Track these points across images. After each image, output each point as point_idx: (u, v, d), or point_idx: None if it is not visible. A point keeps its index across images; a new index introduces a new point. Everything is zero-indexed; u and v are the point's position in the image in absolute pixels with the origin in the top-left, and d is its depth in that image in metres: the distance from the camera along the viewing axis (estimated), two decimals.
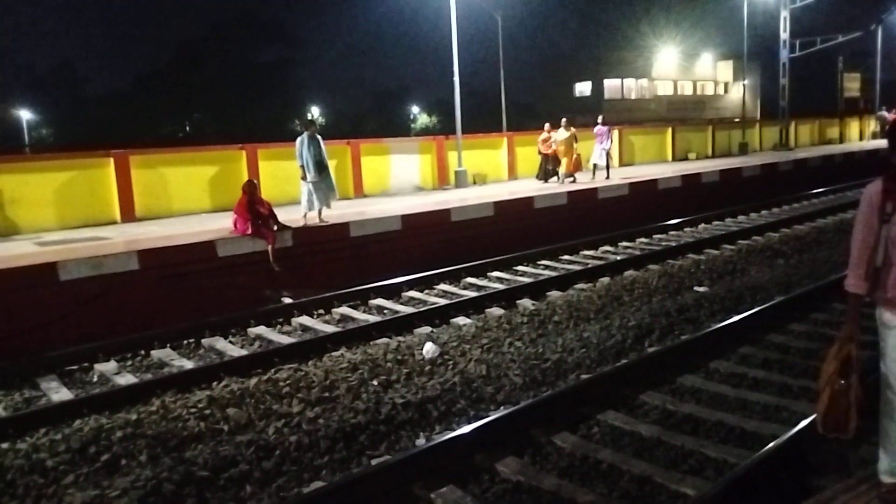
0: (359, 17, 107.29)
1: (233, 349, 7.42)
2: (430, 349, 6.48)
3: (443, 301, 8.79)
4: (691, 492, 3.87)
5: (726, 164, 20.19)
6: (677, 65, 51.57)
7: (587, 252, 11.84)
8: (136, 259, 8.54)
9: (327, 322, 8.36)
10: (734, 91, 53.21)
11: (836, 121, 33.49)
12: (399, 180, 16.36)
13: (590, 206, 14.29)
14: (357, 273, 10.13)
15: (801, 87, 33.77)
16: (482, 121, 34.95)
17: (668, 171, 18.20)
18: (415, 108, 71.63)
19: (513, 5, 32.89)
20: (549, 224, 13.19)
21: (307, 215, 10.86)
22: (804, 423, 4.21)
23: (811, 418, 3.15)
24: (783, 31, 27.70)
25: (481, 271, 10.41)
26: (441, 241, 11.56)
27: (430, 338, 6.96)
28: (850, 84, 43.67)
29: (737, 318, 6.71)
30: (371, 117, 67.99)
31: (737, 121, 34.92)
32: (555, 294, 8.85)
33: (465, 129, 17.01)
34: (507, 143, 18.92)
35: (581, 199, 14.22)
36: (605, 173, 16.60)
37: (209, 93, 62.10)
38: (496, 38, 30.63)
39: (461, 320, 7.87)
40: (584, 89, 50.73)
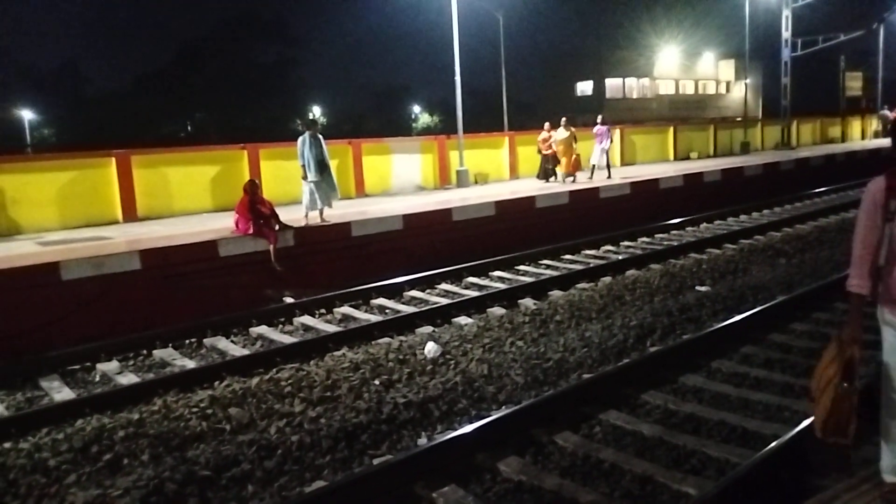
0: (360, 16, 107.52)
1: (235, 349, 7.43)
2: (431, 349, 6.48)
3: (444, 300, 8.79)
4: (693, 491, 3.87)
5: (728, 163, 20.17)
6: (679, 64, 51.57)
7: (589, 251, 11.84)
8: (137, 259, 8.55)
9: (329, 322, 8.37)
10: (736, 90, 53.20)
11: (838, 120, 33.44)
12: (400, 180, 16.35)
13: (591, 206, 14.28)
14: (359, 273, 10.14)
15: (803, 86, 33.73)
16: (484, 120, 34.96)
17: (670, 170, 18.18)
18: (416, 108, 71.70)
19: (514, 4, 32.86)
20: (551, 223, 13.18)
21: (309, 215, 10.86)
22: (806, 422, 4.20)
23: (810, 419, 3.09)
24: (785, 30, 27.69)
25: (483, 271, 10.41)
26: (443, 240, 11.56)
27: (431, 337, 6.96)
28: (852, 83, 43.57)
29: (739, 318, 6.70)
30: (372, 117, 68.09)
31: (738, 120, 34.91)
32: (556, 293, 8.85)
33: (466, 128, 17.00)
34: (509, 143, 18.91)
35: (583, 198, 14.21)
36: (605, 173, 16.62)
37: (210, 93, 62.22)
38: (497, 38, 30.66)
39: (463, 320, 7.87)
40: (585, 88, 50.74)
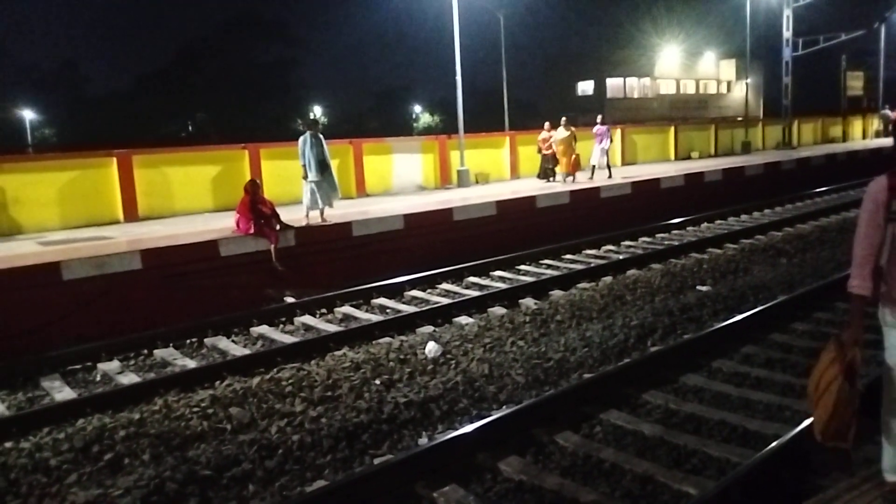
0: (361, 16, 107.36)
1: (235, 348, 7.43)
2: (432, 348, 6.48)
3: (445, 300, 8.79)
4: (694, 491, 3.86)
5: (729, 162, 20.15)
6: (680, 63, 51.52)
7: (590, 251, 11.83)
8: (138, 259, 8.56)
9: (330, 321, 8.37)
10: (737, 90, 53.13)
11: (839, 119, 33.40)
12: (401, 180, 16.35)
13: (592, 206, 14.28)
14: (359, 272, 10.14)
15: (804, 85, 33.66)
16: (484, 120, 34.92)
17: (671, 170, 18.17)
18: (417, 108, 71.66)
19: (515, 4, 32.82)
20: (552, 223, 13.18)
21: (309, 214, 10.87)
22: (807, 422, 4.20)
23: (811, 420, 3.06)
24: (786, 30, 27.67)
25: (484, 270, 10.41)
26: (443, 240, 11.56)
27: (432, 337, 6.96)
28: (853, 82, 43.51)
29: (739, 318, 6.70)
30: (373, 116, 68.11)
31: (739, 120, 34.83)
32: (557, 293, 8.85)
33: (467, 128, 16.99)
34: (510, 143, 18.90)
35: (583, 198, 14.21)
36: (606, 172, 16.61)
37: (211, 92, 62.27)
38: (498, 37, 30.57)
39: (463, 319, 7.87)
40: (586, 88, 50.71)
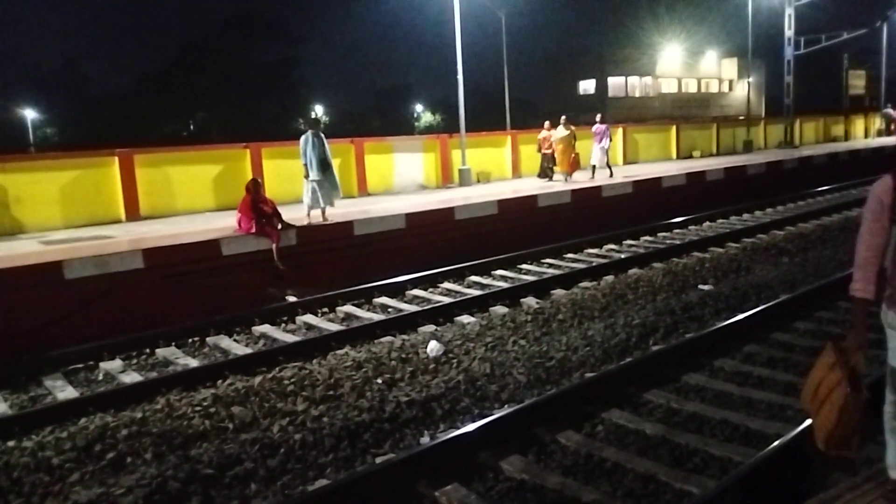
0: (362, 15, 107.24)
1: (237, 347, 7.44)
2: (434, 347, 6.48)
3: (447, 299, 8.79)
4: (696, 490, 3.87)
5: (731, 161, 20.13)
6: (681, 62, 51.41)
7: (591, 250, 11.83)
8: (140, 258, 8.56)
9: (331, 320, 8.37)
10: (739, 89, 53.02)
11: (841, 118, 33.35)
12: (403, 179, 16.35)
13: (594, 205, 14.27)
14: (361, 271, 10.14)
15: (806, 84, 33.63)
16: (486, 119, 34.93)
17: (673, 169, 18.16)
18: (418, 107, 71.62)
19: (516, 3, 32.84)
20: (553, 222, 13.18)
21: (311, 214, 10.87)
22: (809, 421, 4.19)
23: (811, 420, 3.03)
24: (788, 29, 27.61)
25: (485, 269, 10.41)
26: (445, 239, 11.56)
27: (434, 336, 6.96)
28: (856, 81, 43.41)
29: (741, 317, 6.70)
30: (375, 116, 68.08)
31: (741, 118, 34.80)
32: (559, 292, 8.85)
33: (468, 127, 16.99)
34: (511, 142, 18.90)
35: (585, 197, 14.20)
36: (607, 172, 16.60)
37: (213, 92, 62.22)
38: (500, 36, 30.56)
39: (465, 319, 7.87)
40: (587, 87, 50.59)
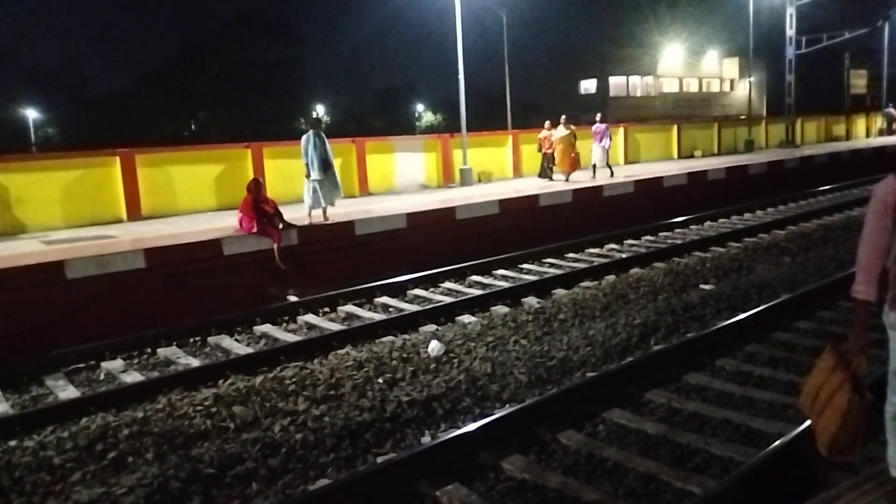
0: (363, 15, 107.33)
1: (239, 347, 7.45)
2: (435, 347, 6.48)
3: (448, 299, 8.79)
4: (697, 490, 3.86)
5: (732, 161, 20.11)
6: (683, 62, 51.42)
7: (592, 250, 11.82)
8: (142, 257, 8.57)
9: (333, 320, 8.38)
10: (740, 88, 53.02)
11: (843, 118, 33.32)
12: (404, 178, 16.35)
13: (595, 204, 14.26)
14: (362, 271, 10.14)
15: (808, 83, 33.58)
16: (487, 118, 34.94)
17: (674, 168, 18.14)
18: (420, 106, 71.63)
19: (517, 3, 32.86)
20: (555, 222, 13.18)
21: (312, 213, 10.88)
22: (810, 421, 4.19)
23: (809, 422, 3.01)
24: (789, 28, 27.59)
25: (486, 269, 10.41)
26: (446, 239, 11.56)
27: (435, 336, 6.96)
28: (857, 81, 43.42)
29: (743, 316, 6.69)
30: (376, 115, 68.07)
31: (743, 118, 34.78)
32: (560, 292, 8.84)
33: (470, 126, 16.99)
34: (512, 141, 18.90)
35: (586, 196, 14.19)
36: (607, 171, 16.61)
37: (214, 92, 62.28)
38: (501, 36, 30.58)
39: (466, 318, 7.87)
40: (589, 87, 50.61)
